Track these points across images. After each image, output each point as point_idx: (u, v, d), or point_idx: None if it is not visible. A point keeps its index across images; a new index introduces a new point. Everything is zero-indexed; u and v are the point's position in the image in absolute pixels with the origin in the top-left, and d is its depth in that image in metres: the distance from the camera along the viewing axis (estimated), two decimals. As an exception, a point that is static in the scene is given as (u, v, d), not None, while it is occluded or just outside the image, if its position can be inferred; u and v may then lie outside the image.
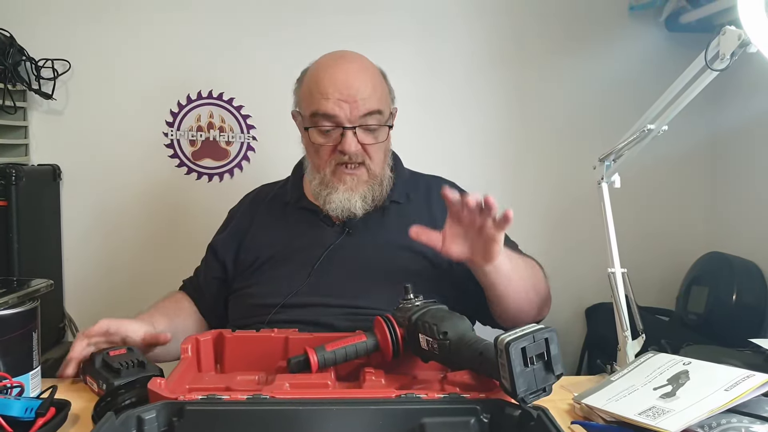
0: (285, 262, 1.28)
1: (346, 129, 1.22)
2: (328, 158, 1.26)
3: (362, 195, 1.26)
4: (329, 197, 1.26)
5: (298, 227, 1.32)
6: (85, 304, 1.95)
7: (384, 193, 1.30)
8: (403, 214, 1.32)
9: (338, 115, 1.21)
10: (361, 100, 1.22)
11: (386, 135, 1.28)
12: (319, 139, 1.25)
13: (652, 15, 1.94)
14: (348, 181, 1.26)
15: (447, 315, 0.96)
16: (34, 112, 1.91)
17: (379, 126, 1.25)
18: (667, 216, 2.04)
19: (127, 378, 0.95)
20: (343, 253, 1.27)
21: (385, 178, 1.31)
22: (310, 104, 1.25)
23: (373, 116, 1.24)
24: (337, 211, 1.26)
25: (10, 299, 0.94)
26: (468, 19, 1.96)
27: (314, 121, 1.24)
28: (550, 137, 2.00)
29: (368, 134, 1.25)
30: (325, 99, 1.21)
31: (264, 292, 1.26)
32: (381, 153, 1.29)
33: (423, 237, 1.11)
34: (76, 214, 1.94)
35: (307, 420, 0.80)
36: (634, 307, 1.10)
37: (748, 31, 0.91)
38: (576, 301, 2.01)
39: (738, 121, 1.85)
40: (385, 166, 1.31)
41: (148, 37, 1.91)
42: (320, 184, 1.28)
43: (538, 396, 0.80)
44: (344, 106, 1.21)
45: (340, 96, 1.21)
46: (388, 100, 1.31)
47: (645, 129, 1.07)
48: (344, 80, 1.22)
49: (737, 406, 0.83)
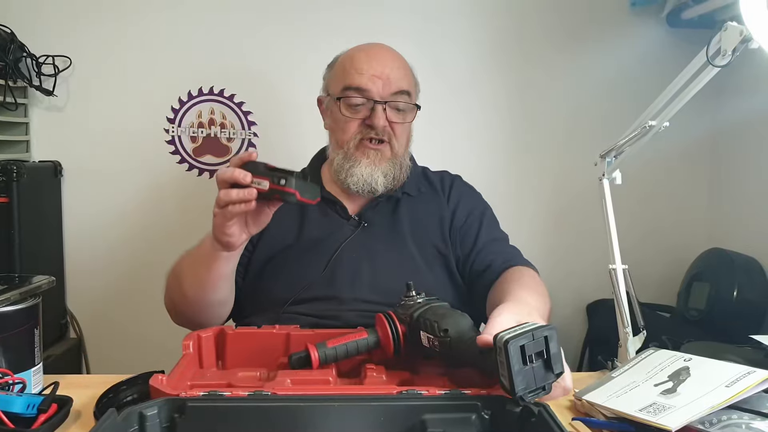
0: (300, 255, 1.29)
1: (377, 103, 1.25)
2: (355, 132, 1.28)
3: (384, 171, 1.28)
4: (351, 170, 1.28)
5: (314, 220, 1.33)
6: (87, 300, 1.96)
7: (403, 177, 1.32)
8: (414, 207, 1.34)
9: (371, 90, 1.25)
10: (394, 79, 1.26)
11: (413, 116, 1.31)
12: (347, 112, 1.28)
13: (654, 11, 1.93)
14: (372, 155, 1.28)
15: (448, 312, 0.95)
16: (35, 108, 1.91)
17: (407, 106, 1.29)
18: (668, 212, 2.04)
19: (299, 179, 0.94)
20: (358, 247, 1.28)
21: (405, 163, 1.33)
22: (343, 79, 1.28)
23: (403, 96, 1.28)
24: (358, 185, 1.28)
25: (12, 296, 0.94)
26: (469, 15, 1.96)
27: (346, 94, 1.27)
28: (552, 133, 2.00)
29: (397, 113, 1.28)
30: (359, 74, 1.26)
31: (279, 285, 1.26)
32: (405, 136, 1.32)
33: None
34: (77, 211, 1.94)
35: (309, 416, 0.80)
36: (635, 304, 1.10)
37: (750, 27, 0.91)
38: (577, 297, 2.01)
39: (739, 117, 1.85)
40: (406, 152, 1.34)
41: (150, 34, 1.91)
42: (343, 158, 1.29)
43: (537, 395, 0.79)
44: (377, 81, 1.25)
45: (374, 72, 1.25)
46: (415, 89, 1.34)
47: (646, 125, 1.07)
48: (379, 60, 1.27)
49: (738, 403, 0.83)
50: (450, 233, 1.32)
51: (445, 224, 1.33)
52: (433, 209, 1.35)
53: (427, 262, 1.28)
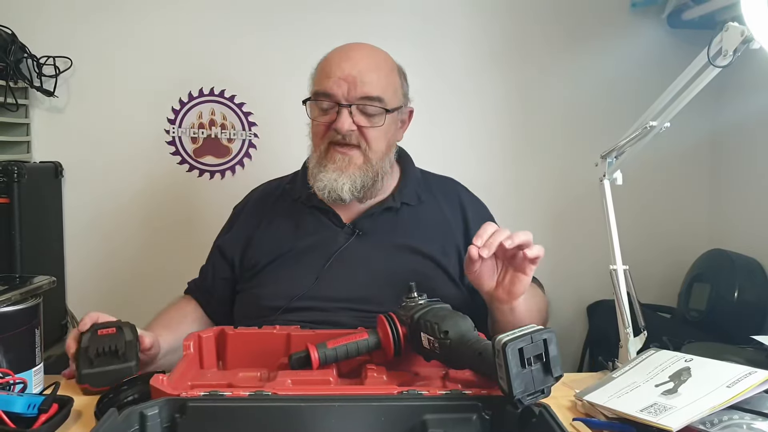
0: (293, 263, 1.26)
1: (341, 107, 1.21)
2: (323, 135, 1.25)
3: (351, 178, 1.23)
4: (318, 175, 1.24)
5: (307, 227, 1.30)
6: (87, 300, 1.96)
7: (378, 186, 1.27)
8: (414, 216, 1.30)
9: (335, 94, 1.21)
10: (361, 83, 1.21)
11: (383, 121, 1.24)
12: (315, 113, 1.25)
13: (655, 11, 1.93)
14: (338, 160, 1.23)
15: (449, 314, 0.95)
16: (36, 109, 1.91)
17: (376, 110, 1.23)
18: (668, 213, 2.04)
19: (99, 368, 0.98)
20: (352, 256, 1.25)
21: (382, 171, 1.26)
22: (315, 83, 1.27)
23: (373, 101, 1.22)
24: (324, 191, 1.23)
25: (13, 296, 0.94)
26: (469, 16, 1.96)
27: (315, 97, 1.25)
28: (552, 134, 2.00)
29: (364, 117, 1.23)
30: (327, 77, 1.22)
31: (270, 294, 1.24)
32: (382, 143, 1.25)
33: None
34: (78, 211, 1.94)
35: (309, 416, 0.80)
36: (636, 304, 1.09)
37: (751, 28, 0.90)
38: (578, 298, 2.01)
39: (740, 117, 1.85)
40: (385, 158, 1.27)
41: (150, 35, 1.91)
42: (315, 163, 1.26)
43: (536, 398, 0.79)
44: (343, 84, 1.21)
45: (341, 75, 1.21)
46: (396, 93, 1.27)
47: (647, 126, 1.07)
48: (349, 61, 1.22)
49: (739, 403, 0.83)
50: (460, 254, 1.28)
51: (449, 239, 1.29)
52: (434, 220, 1.31)
53: (425, 275, 1.23)
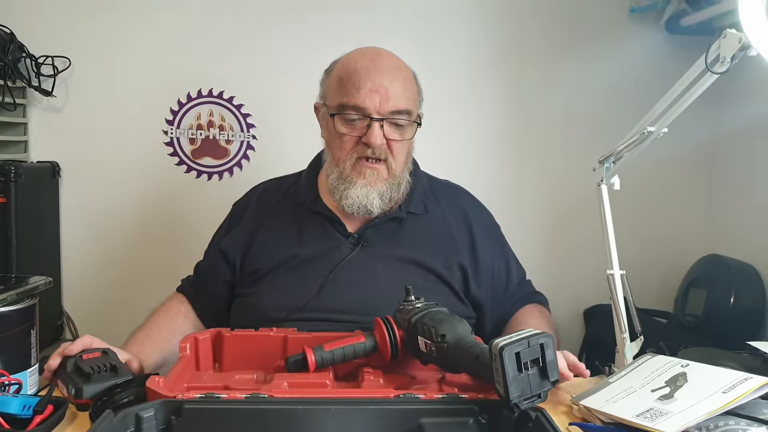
0: (295, 272, 1.24)
1: (373, 120, 1.19)
2: (351, 150, 1.22)
3: (380, 192, 1.22)
4: (346, 192, 1.22)
5: (311, 234, 1.28)
6: (84, 301, 1.95)
7: (401, 195, 1.27)
8: (419, 226, 1.29)
9: (368, 107, 1.18)
10: (393, 96, 1.19)
11: (413, 133, 1.24)
12: (343, 129, 1.21)
13: (653, 17, 1.94)
14: (368, 175, 1.22)
15: (446, 318, 0.95)
16: (34, 109, 1.90)
17: (406, 123, 1.23)
18: (665, 218, 2.04)
19: (98, 383, 0.92)
20: (355, 267, 1.23)
21: (404, 181, 1.26)
22: (340, 94, 1.21)
23: (402, 114, 1.21)
24: (353, 207, 1.22)
25: (9, 296, 0.94)
26: (468, 19, 1.96)
27: (341, 111, 1.21)
28: (551, 138, 2.00)
29: (395, 129, 1.22)
30: (356, 90, 1.19)
31: (271, 304, 1.22)
32: (404, 153, 1.25)
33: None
34: (75, 212, 1.94)
35: (306, 419, 0.80)
36: (633, 309, 1.10)
37: (749, 35, 0.91)
38: (574, 303, 2.01)
39: (737, 124, 1.85)
40: (405, 168, 1.27)
41: (149, 35, 1.91)
42: (338, 178, 1.23)
43: (532, 402, 0.79)
44: (375, 97, 1.18)
45: (372, 87, 1.18)
46: (417, 101, 1.28)
47: (645, 131, 1.07)
48: (378, 71, 1.19)
49: (735, 409, 0.83)
50: (465, 272, 1.28)
51: (452, 254, 1.28)
52: (439, 232, 1.29)
53: (428, 289, 1.21)
